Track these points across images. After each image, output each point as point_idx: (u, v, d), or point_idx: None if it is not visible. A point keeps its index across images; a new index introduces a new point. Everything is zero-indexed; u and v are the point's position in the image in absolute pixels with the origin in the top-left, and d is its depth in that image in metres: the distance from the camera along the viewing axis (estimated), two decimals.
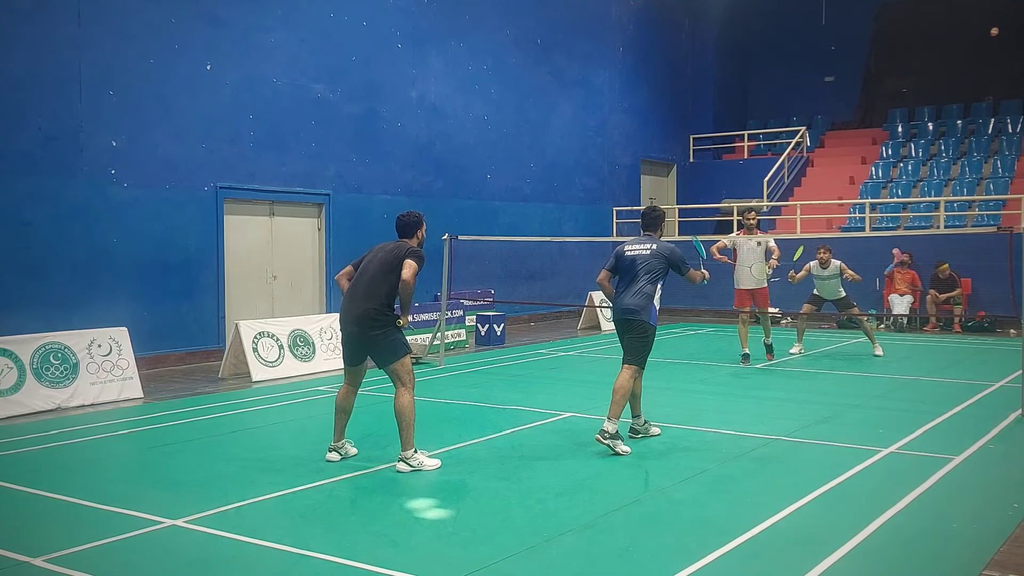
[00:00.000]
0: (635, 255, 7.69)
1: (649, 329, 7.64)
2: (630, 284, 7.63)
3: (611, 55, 21.44)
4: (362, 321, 6.85)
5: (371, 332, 6.85)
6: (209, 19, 13.11)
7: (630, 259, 7.70)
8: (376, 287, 6.87)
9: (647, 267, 7.59)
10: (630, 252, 7.74)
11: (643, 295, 7.56)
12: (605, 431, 7.35)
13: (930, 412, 8.94)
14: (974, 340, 15.43)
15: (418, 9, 16.40)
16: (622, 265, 7.76)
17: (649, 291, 7.59)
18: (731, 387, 10.81)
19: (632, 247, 7.78)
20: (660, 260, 7.61)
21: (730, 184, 22.81)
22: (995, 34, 22.41)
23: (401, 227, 7.19)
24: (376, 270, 6.92)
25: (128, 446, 8.23)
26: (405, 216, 7.23)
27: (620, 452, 7.30)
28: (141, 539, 5.34)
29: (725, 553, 5.00)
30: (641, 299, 7.55)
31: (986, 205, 19.01)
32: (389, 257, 6.92)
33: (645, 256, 7.64)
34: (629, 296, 7.60)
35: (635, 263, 7.65)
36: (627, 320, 7.63)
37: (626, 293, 7.64)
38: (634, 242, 7.84)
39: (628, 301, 7.59)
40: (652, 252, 7.65)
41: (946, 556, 5.04)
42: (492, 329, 15.23)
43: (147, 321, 12.19)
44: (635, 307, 7.55)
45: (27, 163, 11.22)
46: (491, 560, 4.92)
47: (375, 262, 6.98)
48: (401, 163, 16.20)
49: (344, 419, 7.19)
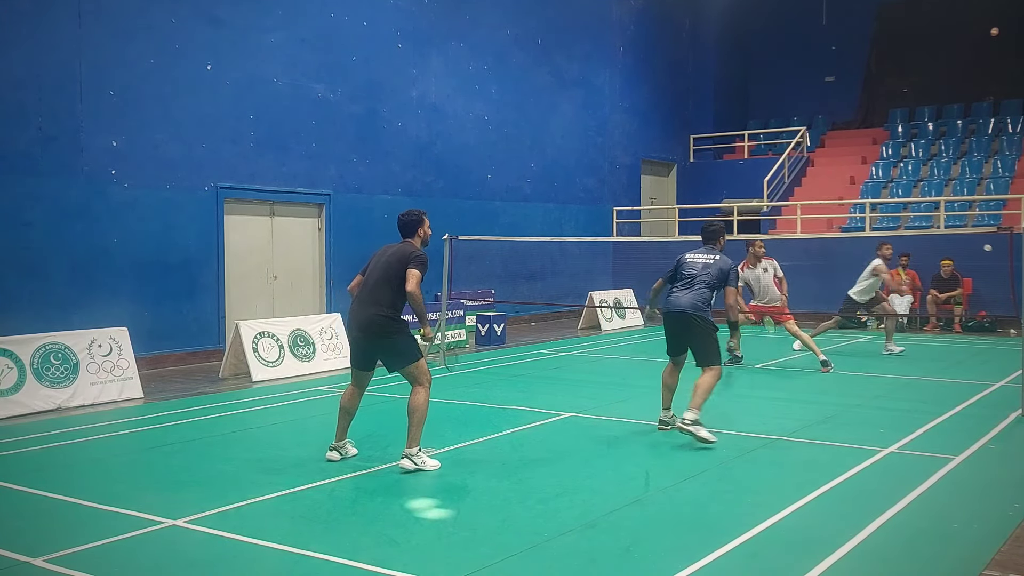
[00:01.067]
0: (700, 262, 8.04)
1: (712, 327, 7.94)
2: (689, 287, 7.95)
3: (611, 55, 21.44)
4: (369, 328, 6.80)
5: (379, 339, 6.80)
6: (209, 19, 13.11)
7: (692, 264, 8.03)
8: (380, 292, 6.81)
9: (708, 275, 7.94)
10: (693, 259, 8.09)
11: (702, 299, 7.89)
12: (685, 419, 7.59)
13: (930, 412, 8.94)
14: (974, 340, 15.43)
15: (418, 9, 16.40)
16: (683, 270, 8.07)
17: (707, 296, 7.94)
18: (731, 387, 10.81)
19: (696, 255, 8.13)
20: (718, 272, 7.95)
21: (730, 184, 22.81)
22: (995, 34, 22.41)
23: (402, 227, 7.08)
24: (380, 275, 6.86)
25: (128, 446, 8.23)
26: (405, 215, 7.12)
27: (702, 438, 7.51)
28: (141, 539, 5.34)
29: (725, 553, 5.00)
30: (700, 301, 7.88)
31: (986, 205, 19.01)
32: (392, 261, 6.84)
33: (709, 264, 8.00)
34: (688, 296, 7.92)
35: (697, 269, 7.99)
36: (688, 317, 7.90)
37: (685, 293, 7.95)
38: (698, 252, 8.18)
39: (687, 300, 7.91)
40: (715, 263, 8.00)
41: (946, 556, 5.04)
42: (492, 329, 15.23)
43: (147, 321, 12.19)
44: (696, 306, 7.87)
45: (27, 163, 11.22)
46: (491, 560, 4.92)
47: (379, 266, 6.92)
48: (401, 163, 16.20)
49: (347, 420, 7.18)
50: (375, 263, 7.00)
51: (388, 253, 6.97)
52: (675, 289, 8.09)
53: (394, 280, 6.76)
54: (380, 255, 7.05)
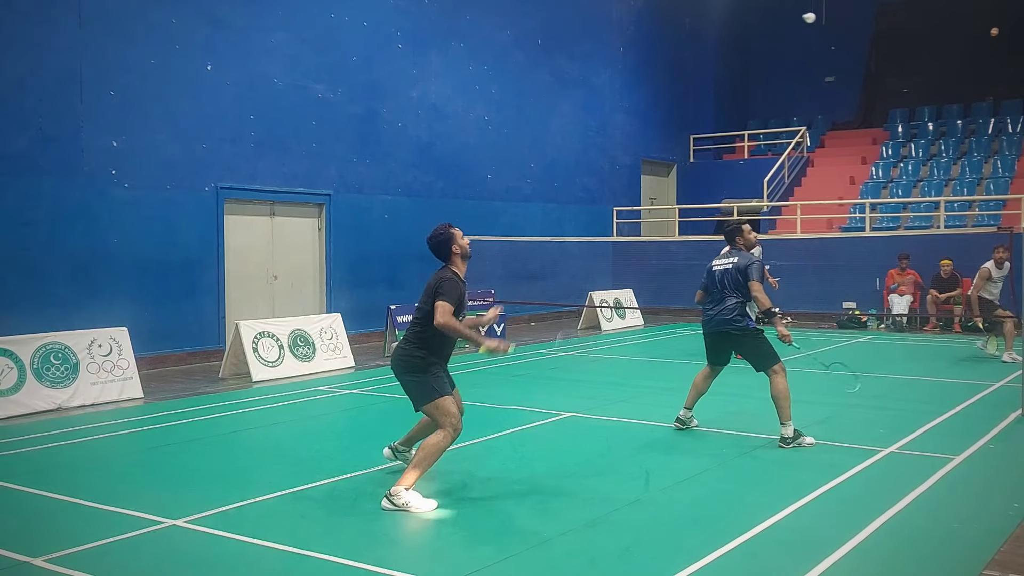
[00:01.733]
0: (721, 270, 7.96)
1: (754, 331, 7.83)
2: (718, 301, 7.88)
3: (611, 55, 21.44)
4: (394, 362, 6.29)
5: (401, 376, 6.22)
6: (209, 19, 13.12)
7: (717, 274, 7.95)
8: (412, 324, 6.27)
9: (732, 280, 7.84)
10: (716, 268, 8.02)
11: (733, 310, 7.79)
12: (785, 437, 7.57)
13: (930, 412, 8.94)
14: (975, 340, 15.42)
15: (418, 9, 16.40)
16: (709, 281, 8.01)
17: (736, 305, 7.81)
18: (731, 387, 10.79)
19: (718, 262, 8.06)
20: (737, 273, 7.85)
21: (730, 184, 22.82)
22: (995, 34, 22.43)
23: (435, 251, 6.25)
24: (419, 304, 6.22)
25: (128, 446, 8.23)
26: (432, 238, 6.24)
27: (807, 445, 7.54)
28: (142, 539, 5.34)
29: (725, 553, 5.00)
30: (730, 313, 7.79)
31: (986, 205, 19.02)
32: (427, 292, 6.11)
33: (728, 270, 7.91)
34: (718, 312, 7.85)
35: (720, 278, 7.91)
36: (724, 334, 7.85)
37: (714, 309, 7.89)
38: (720, 258, 8.10)
39: (718, 317, 7.84)
40: (733, 265, 7.91)
41: (946, 556, 5.04)
42: (492, 329, 15.22)
43: (147, 321, 12.19)
44: (727, 320, 7.79)
45: (28, 163, 11.23)
46: (491, 560, 4.92)
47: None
48: (402, 163, 16.20)
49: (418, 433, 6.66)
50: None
51: (428, 282, 6.20)
52: (706, 305, 8.00)
53: (424, 308, 6.09)
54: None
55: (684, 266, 19.39)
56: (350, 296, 15.12)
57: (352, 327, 13.98)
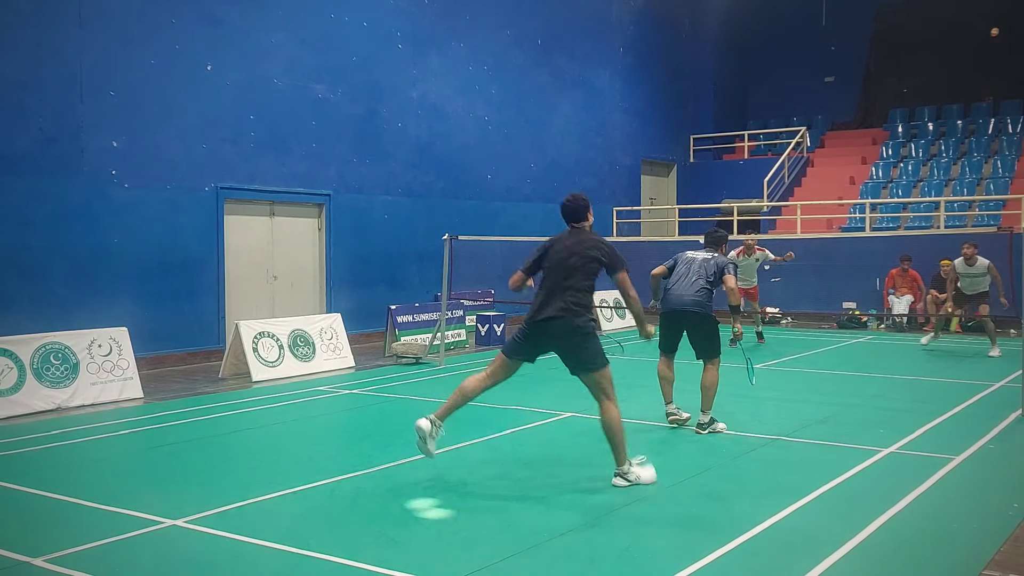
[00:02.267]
0: (698, 259, 8.32)
1: (715, 321, 8.26)
2: (690, 285, 8.19)
3: (611, 55, 21.44)
4: (565, 325, 6.46)
5: (573, 339, 6.45)
6: (210, 20, 13.12)
7: (689, 260, 8.32)
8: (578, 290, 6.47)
9: (707, 271, 8.21)
10: (692, 256, 8.38)
11: (704, 292, 8.14)
12: (702, 423, 8.08)
13: (930, 412, 8.94)
14: (974, 340, 15.42)
15: (418, 9, 16.40)
16: (681, 267, 8.35)
17: (709, 292, 8.20)
18: (731, 387, 10.79)
19: (695, 253, 8.44)
20: (715, 267, 8.26)
21: (730, 184, 22.81)
22: (995, 34, 22.42)
23: (575, 212, 6.86)
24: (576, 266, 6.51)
25: (128, 446, 8.23)
26: (575, 200, 6.91)
27: (720, 431, 8.08)
28: (141, 539, 5.34)
29: (725, 553, 5.00)
30: (703, 297, 8.14)
31: (986, 205, 19.01)
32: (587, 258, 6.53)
33: (708, 260, 8.30)
34: (689, 292, 8.15)
35: (692, 265, 8.28)
36: (693, 314, 8.14)
37: (684, 289, 8.19)
38: (697, 252, 8.48)
39: (690, 298, 8.14)
40: (713, 259, 8.31)
41: (946, 556, 5.04)
42: (492, 329, 15.23)
43: (147, 321, 12.18)
44: (699, 302, 8.12)
45: (28, 163, 11.23)
46: (491, 560, 4.92)
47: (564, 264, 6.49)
48: (402, 163, 16.20)
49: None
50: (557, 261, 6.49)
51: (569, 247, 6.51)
52: (674, 287, 8.29)
53: (587, 277, 6.46)
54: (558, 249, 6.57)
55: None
56: (350, 296, 15.12)
57: (352, 327, 13.97)
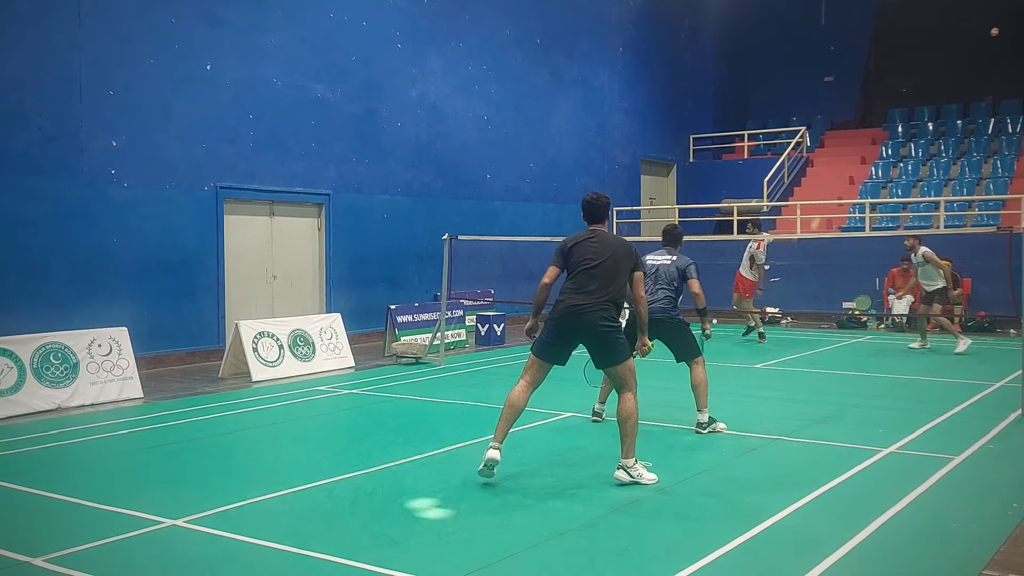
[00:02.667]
0: (658, 264, 8.41)
1: (684, 323, 8.39)
2: (651, 292, 8.24)
3: (611, 55, 21.44)
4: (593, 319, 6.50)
5: (602, 333, 6.48)
6: (209, 19, 13.11)
7: (653, 268, 8.38)
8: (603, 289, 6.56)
9: (668, 276, 8.32)
10: (652, 262, 8.42)
11: (669, 300, 8.27)
12: (701, 423, 8.13)
13: (930, 412, 8.94)
14: (974, 340, 15.43)
15: (418, 9, 16.40)
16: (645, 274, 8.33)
17: (673, 297, 8.30)
18: (731, 387, 10.81)
19: (655, 257, 8.50)
20: (677, 271, 8.36)
21: (730, 184, 22.81)
22: (995, 34, 22.42)
23: (597, 211, 6.97)
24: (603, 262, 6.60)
25: (128, 446, 8.23)
26: (599, 199, 7.03)
27: (720, 431, 8.15)
28: (141, 539, 5.34)
29: (725, 553, 5.00)
30: (668, 303, 8.25)
31: (986, 205, 19.01)
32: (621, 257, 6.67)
33: (668, 265, 8.38)
34: (655, 302, 8.19)
35: (656, 272, 8.36)
36: (658, 321, 8.09)
37: (651, 299, 8.18)
38: (657, 254, 8.56)
39: (655, 306, 8.15)
40: (673, 262, 8.39)
41: (946, 556, 5.04)
42: (492, 329, 15.23)
43: (147, 321, 12.18)
44: (665, 309, 8.20)
45: (27, 163, 11.22)
46: (491, 560, 4.92)
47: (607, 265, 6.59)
48: (401, 163, 16.20)
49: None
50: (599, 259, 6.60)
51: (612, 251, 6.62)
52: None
53: (620, 276, 6.63)
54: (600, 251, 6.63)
55: None
56: (349, 296, 15.12)
57: (352, 327, 13.97)
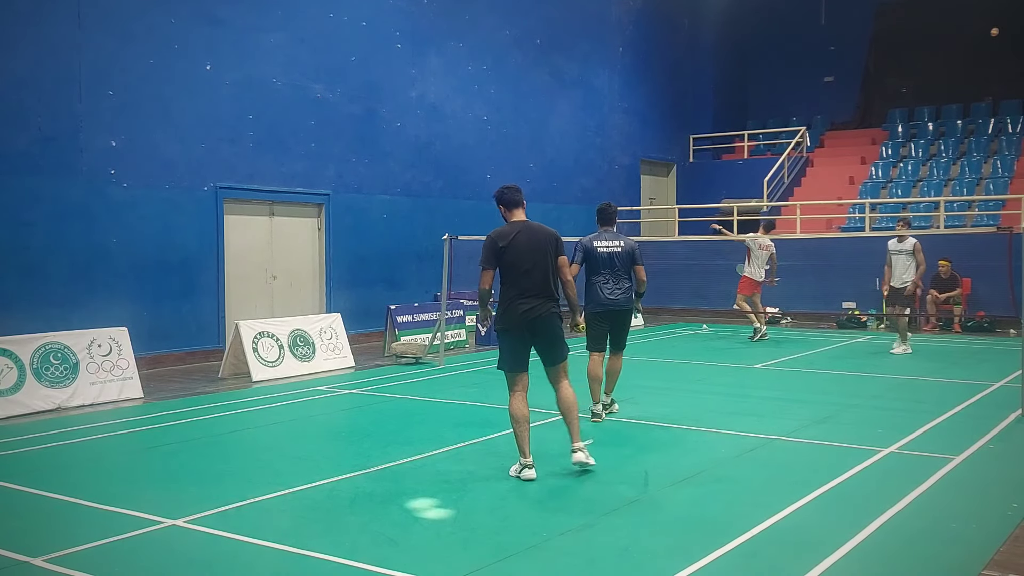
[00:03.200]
0: (612, 252, 8.41)
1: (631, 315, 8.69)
2: (616, 280, 8.41)
3: (611, 55, 21.44)
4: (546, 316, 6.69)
5: (554, 329, 6.72)
6: (209, 19, 13.11)
7: (607, 256, 8.40)
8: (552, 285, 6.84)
9: (624, 262, 8.40)
10: (604, 249, 8.41)
11: (630, 286, 8.47)
12: (605, 404, 8.62)
13: (930, 412, 8.93)
14: (974, 340, 15.43)
15: (418, 9, 16.40)
16: (597, 261, 8.42)
17: (630, 284, 8.49)
18: (731, 387, 10.81)
19: (605, 243, 8.45)
20: (628, 255, 8.42)
21: (730, 184, 22.81)
22: (995, 34, 22.42)
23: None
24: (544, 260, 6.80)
25: (128, 446, 8.23)
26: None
27: (615, 411, 8.77)
28: (141, 539, 5.34)
29: (725, 553, 5.00)
30: (630, 290, 8.50)
31: (986, 205, 19.02)
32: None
33: (619, 253, 8.41)
34: (621, 290, 8.41)
35: (612, 259, 8.40)
36: (623, 311, 8.46)
37: (616, 289, 8.41)
38: (602, 238, 8.50)
39: (619, 296, 8.41)
40: (623, 249, 8.42)
41: (946, 556, 5.04)
42: (492, 329, 15.20)
43: (147, 321, 12.18)
44: (630, 299, 8.46)
45: (27, 163, 11.22)
46: (491, 560, 4.92)
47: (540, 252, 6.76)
48: (401, 163, 16.20)
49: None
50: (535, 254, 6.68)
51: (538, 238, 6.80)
52: (604, 287, 8.40)
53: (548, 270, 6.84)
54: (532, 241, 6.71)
55: (683, 266, 19.41)
56: (349, 296, 15.12)
57: (352, 327, 13.97)
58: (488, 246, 6.67)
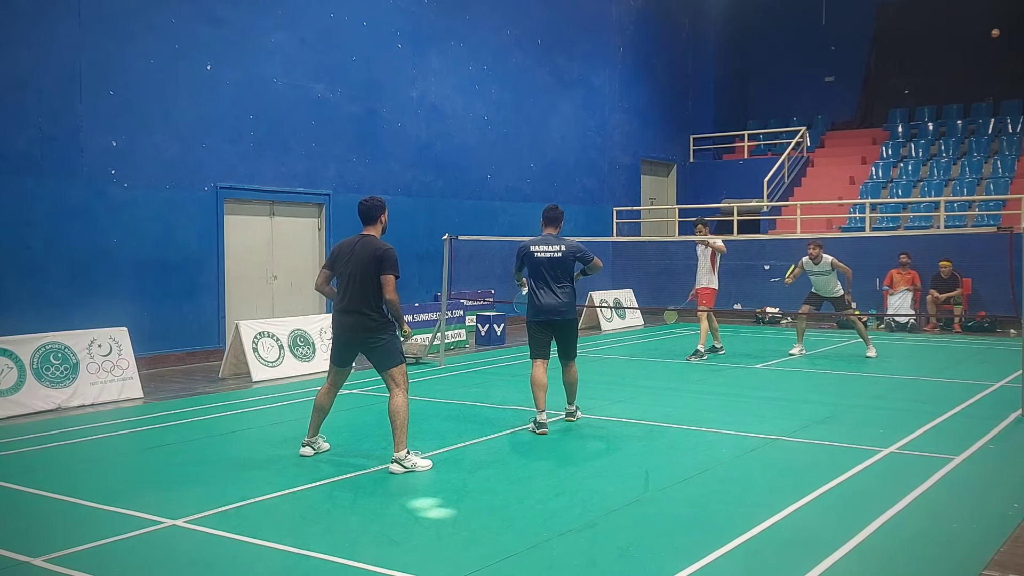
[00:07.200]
0: (549, 256, 8.05)
1: (577, 320, 8.35)
2: (553, 286, 8.04)
3: (611, 55, 21.44)
4: (362, 325, 6.89)
5: (375, 336, 6.90)
6: (209, 19, 13.11)
7: (546, 260, 8.05)
8: (374, 294, 6.88)
9: (565, 267, 8.05)
10: (542, 254, 8.08)
11: (572, 293, 8.12)
12: (571, 412, 8.53)
13: (930, 412, 8.94)
14: (974, 340, 15.43)
15: (418, 9, 16.40)
16: (537, 268, 8.09)
17: (573, 289, 8.14)
18: (731, 387, 10.81)
19: (541, 248, 8.11)
20: (571, 258, 8.09)
21: (730, 184, 22.82)
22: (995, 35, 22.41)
23: (364, 212, 7.17)
24: (360, 275, 6.88)
25: (128, 446, 8.23)
26: (368, 201, 7.22)
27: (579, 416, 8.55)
28: (141, 539, 5.34)
29: (725, 553, 5.00)
30: (570, 298, 8.12)
31: (986, 205, 19.01)
32: (369, 261, 6.87)
33: (559, 258, 8.06)
34: (558, 297, 8.04)
35: (553, 265, 8.03)
36: (566, 321, 8.12)
37: (552, 294, 8.03)
38: (541, 242, 8.16)
39: (560, 303, 8.04)
40: (564, 253, 8.07)
41: (946, 556, 5.04)
42: (492, 329, 15.23)
43: (147, 321, 12.18)
44: (569, 307, 8.08)
45: (27, 163, 11.22)
46: (491, 560, 4.92)
47: (356, 266, 6.91)
48: (401, 163, 16.20)
49: (321, 417, 7.34)
50: (347, 262, 6.97)
51: (358, 254, 6.94)
52: (542, 294, 8.08)
53: (374, 281, 6.85)
54: (350, 253, 6.99)
55: (684, 266, 19.35)
56: None
57: None
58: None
